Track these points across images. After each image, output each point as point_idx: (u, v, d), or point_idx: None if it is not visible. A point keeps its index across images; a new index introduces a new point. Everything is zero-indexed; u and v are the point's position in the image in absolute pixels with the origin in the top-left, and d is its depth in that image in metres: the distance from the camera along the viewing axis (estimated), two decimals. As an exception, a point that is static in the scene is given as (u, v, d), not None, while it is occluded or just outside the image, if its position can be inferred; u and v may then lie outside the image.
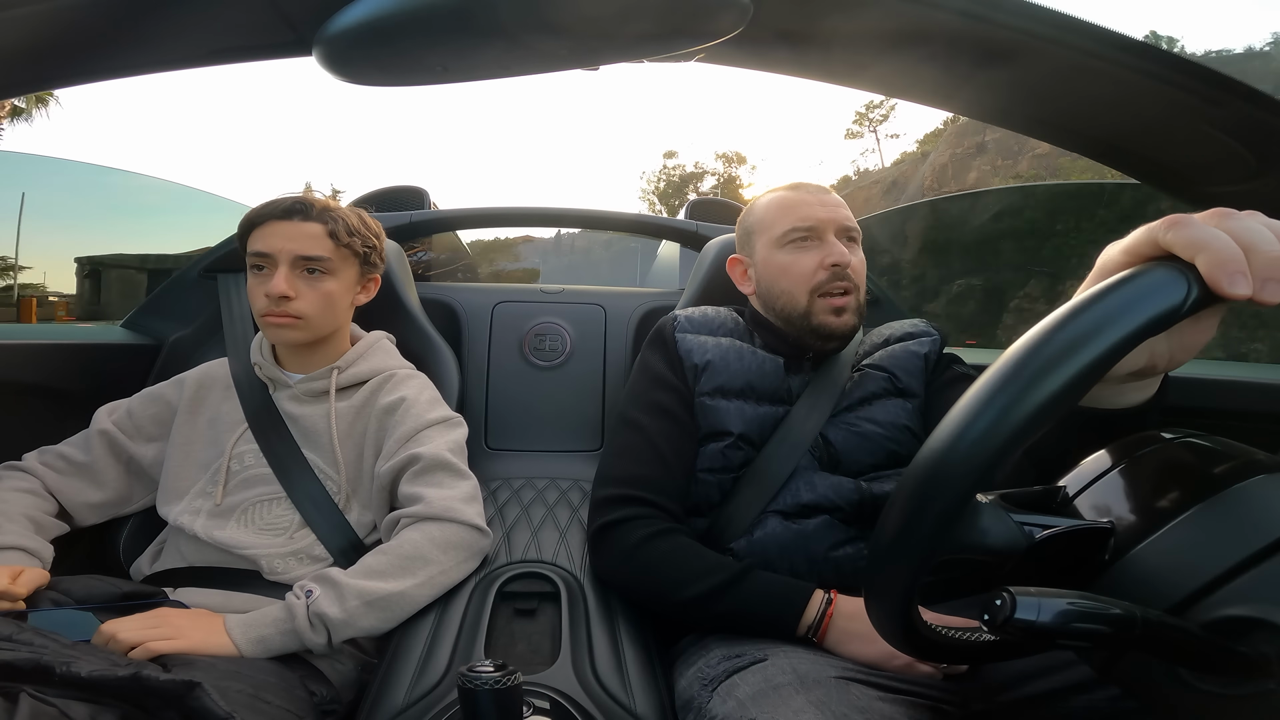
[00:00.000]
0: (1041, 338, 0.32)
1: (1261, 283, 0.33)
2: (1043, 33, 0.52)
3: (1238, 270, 0.33)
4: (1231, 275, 0.33)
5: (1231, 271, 0.33)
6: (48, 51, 0.57)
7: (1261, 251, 0.33)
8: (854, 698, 0.59)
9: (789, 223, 0.90)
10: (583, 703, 0.67)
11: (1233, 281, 0.33)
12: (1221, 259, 0.33)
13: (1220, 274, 0.33)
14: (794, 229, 0.89)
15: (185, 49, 0.62)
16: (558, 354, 1.28)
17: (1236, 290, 0.33)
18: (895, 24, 0.54)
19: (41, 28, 0.53)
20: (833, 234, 0.89)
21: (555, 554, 0.92)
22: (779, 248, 0.90)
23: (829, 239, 0.88)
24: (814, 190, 0.93)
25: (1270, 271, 0.33)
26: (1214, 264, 0.33)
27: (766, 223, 0.93)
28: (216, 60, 0.62)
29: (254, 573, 0.86)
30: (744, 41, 0.56)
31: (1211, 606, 0.35)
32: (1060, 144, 0.70)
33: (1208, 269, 0.33)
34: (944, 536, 0.35)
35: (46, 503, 0.90)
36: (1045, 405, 0.31)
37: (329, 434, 0.92)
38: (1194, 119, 0.58)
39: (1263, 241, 0.34)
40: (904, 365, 0.91)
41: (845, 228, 0.90)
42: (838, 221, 0.89)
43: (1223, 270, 0.33)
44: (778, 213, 0.92)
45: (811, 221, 0.89)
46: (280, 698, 0.66)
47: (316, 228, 0.90)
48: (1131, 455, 0.42)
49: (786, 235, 0.90)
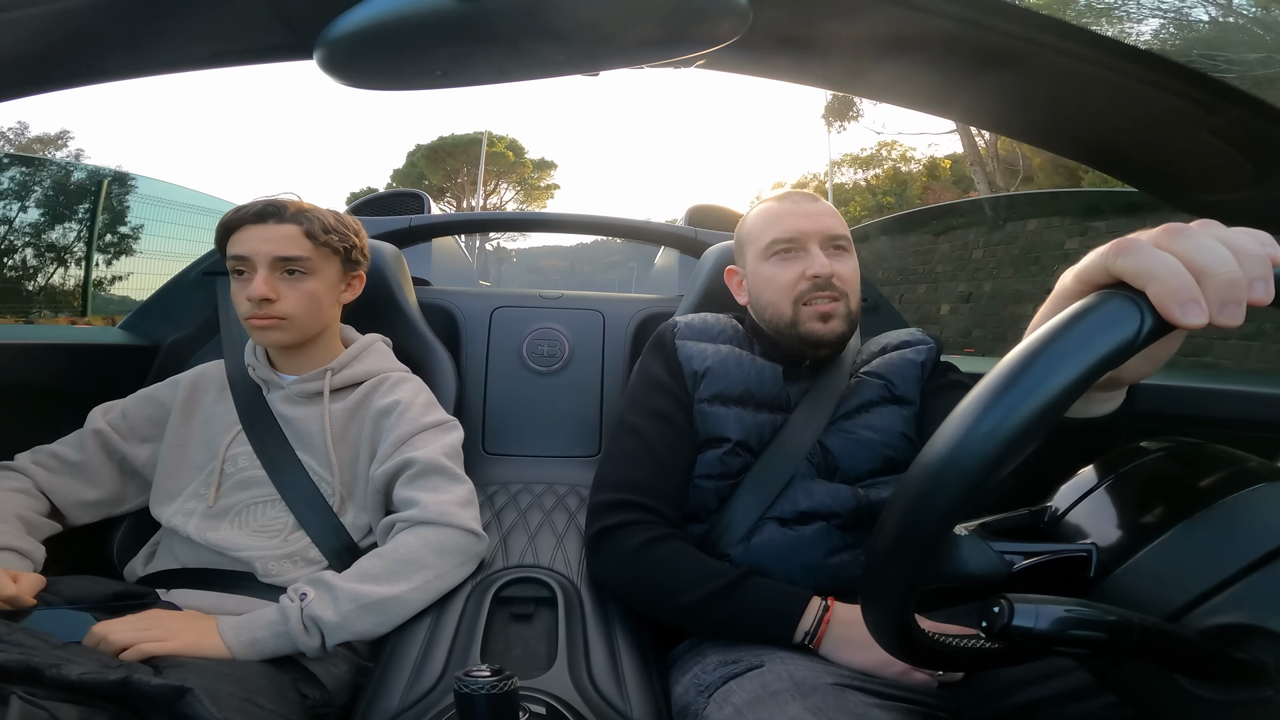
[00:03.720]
0: (1002, 380, 0.33)
1: (1219, 307, 0.31)
2: (1040, 39, 0.53)
3: (1189, 299, 0.31)
4: (1183, 304, 0.31)
5: (1183, 300, 0.31)
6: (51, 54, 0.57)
7: (1214, 274, 0.32)
8: (850, 704, 0.59)
9: (772, 234, 0.90)
10: (579, 708, 0.67)
11: (1185, 311, 0.31)
12: (1171, 288, 0.31)
13: (1171, 304, 0.31)
14: (776, 240, 0.89)
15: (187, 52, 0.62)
16: (556, 359, 1.28)
17: (1189, 320, 0.31)
18: (893, 30, 0.55)
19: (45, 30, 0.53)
20: (816, 245, 0.88)
21: (552, 559, 0.91)
22: (764, 259, 0.91)
23: (812, 250, 0.88)
24: (800, 200, 0.92)
25: (1225, 295, 0.31)
26: (1164, 294, 0.31)
27: (754, 234, 0.93)
28: (218, 63, 0.63)
29: (248, 575, 0.85)
30: (743, 47, 0.57)
31: (1206, 615, 0.35)
32: (1057, 150, 0.71)
33: (1158, 299, 0.31)
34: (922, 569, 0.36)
35: (38, 502, 0.89)
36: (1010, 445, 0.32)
37: (323, 436, 0.92)
38: (1191, 126, 0.58)
39: (1216, 263, 0.32)
40: (900, 373, 0.92)
41: (831, 237, 0.89)
42: (822, 232, 0.89)
43: (1174, 299, 0.31)
44: (764, 224, 0.92)
45: (794, 233, 0.89)
46: (273, 701, 0.65)
47: (292, 229, 0.90)
48: (1119, 470, 0.42)
49: (770, 247, 0.90)
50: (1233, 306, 0.32)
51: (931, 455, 0.34)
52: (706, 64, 0.62)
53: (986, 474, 0.32)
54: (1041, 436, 0.32)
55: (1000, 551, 0.39)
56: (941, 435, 0.34)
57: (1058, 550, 0.40)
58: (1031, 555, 0.40)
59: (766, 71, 0.65)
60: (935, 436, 0.35)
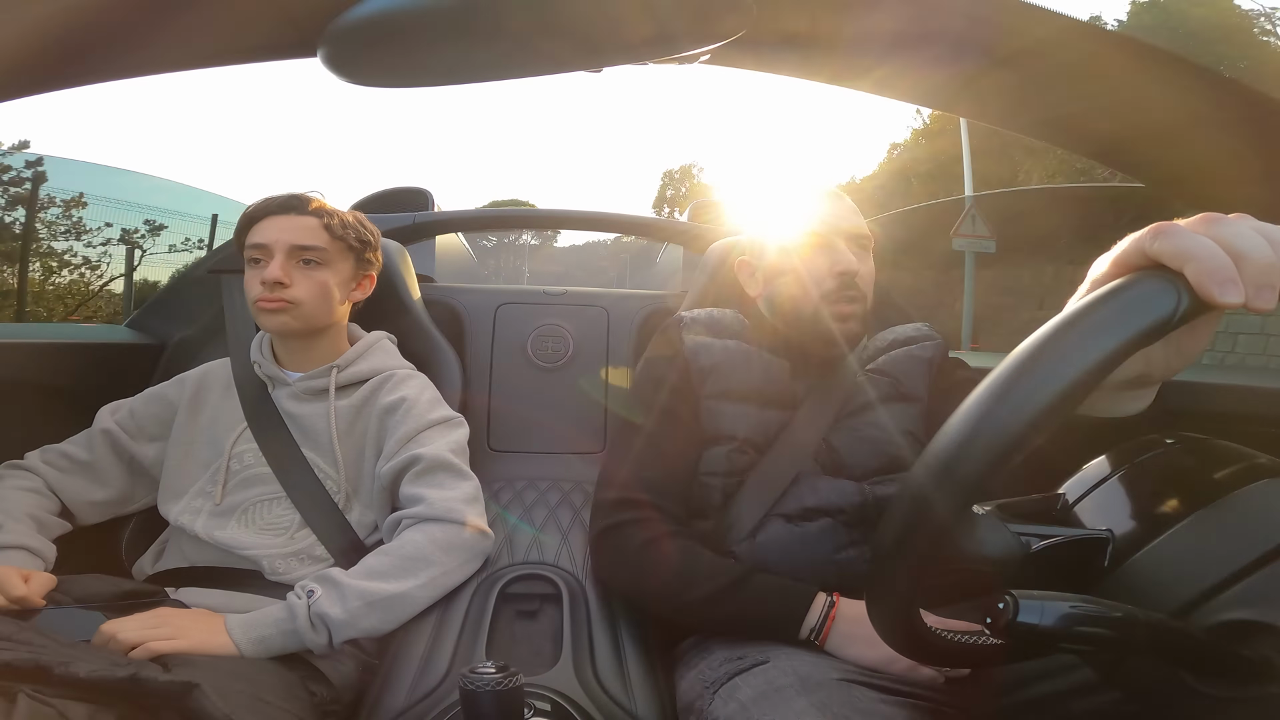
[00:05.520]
0: (1032, 352, 0.32)
1: (1255, 290, 0.32)
2: (1047, 35, 0.52)
3: (1227, 279, 0.32)
4: (1221, 284, 0.32)
5: (1221, 280, 0.32)
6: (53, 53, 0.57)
7: (1251, 258, 0.32)
8: (856, 700, 0.59)
9: (800, 227, 0.89)
10: (584, 704, 0.67)
11: (1223, 290, 0.32)
12: (1210, 268, 0.32)
13: (1209, 283, 0.32)
14: (805, 233, 0.89)
15: (191, 50, 0.62)
16: (560, 356, 1.28)
17: (1227, 299, 0.32)
18: (899, 26, 0.54)
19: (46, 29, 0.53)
20: (843, 241, 0.87)
21: (557, 555, 0.92)
22: (789, 252, 0.90)
23: (839, 246, 0.87)
24: (828, 196, 0.92)
25: (1262, 278, 0.32)
26: (1203, 273, 0.32)
27: (779, 226, 0.93)
28: (221, 61, 0.63)
29: (255, 573, 0.86)
30: (748, 44, 0.56)
31: (1213, 610, 0.35)
32: (1065, 146, 0.70)
33: (1196, 278, 0.32)
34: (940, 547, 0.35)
35: (49, 501, 0.90)
36: (1036, 420, 0.31)
37: (328, 433, 0.93)
38: (1201, 122, 0.58)
39: (1253, 248, 0.33)
40: (907, 370, 0.91)
41: (856, 235, 0.88)
42: (849, 229, 0.88)
43: (1212, 279, 0.32)
44: (790, 217, 0.92)
45: (823, 227, 0.88)
46: (280, 698, 0.66)
47: (312, 220, 0.92)
48: (1132, 461, 0.42)
49: (797, 240, 0.89)
50: (1268, 290, 0.32)
51: (953, 429, 0.33)
52: (711, 60, 0.61)
53: (1011, 450, 0.31)
54: (1068, 414, 0.31)
55: (1018, 533, 0.38)
56: (965, 410, 0.33)
57: (1076, 534, 0.40)
58: (1049, 538, 0.39)
59: (772, 67, 0.65)
60: (959, 410, 0.33)
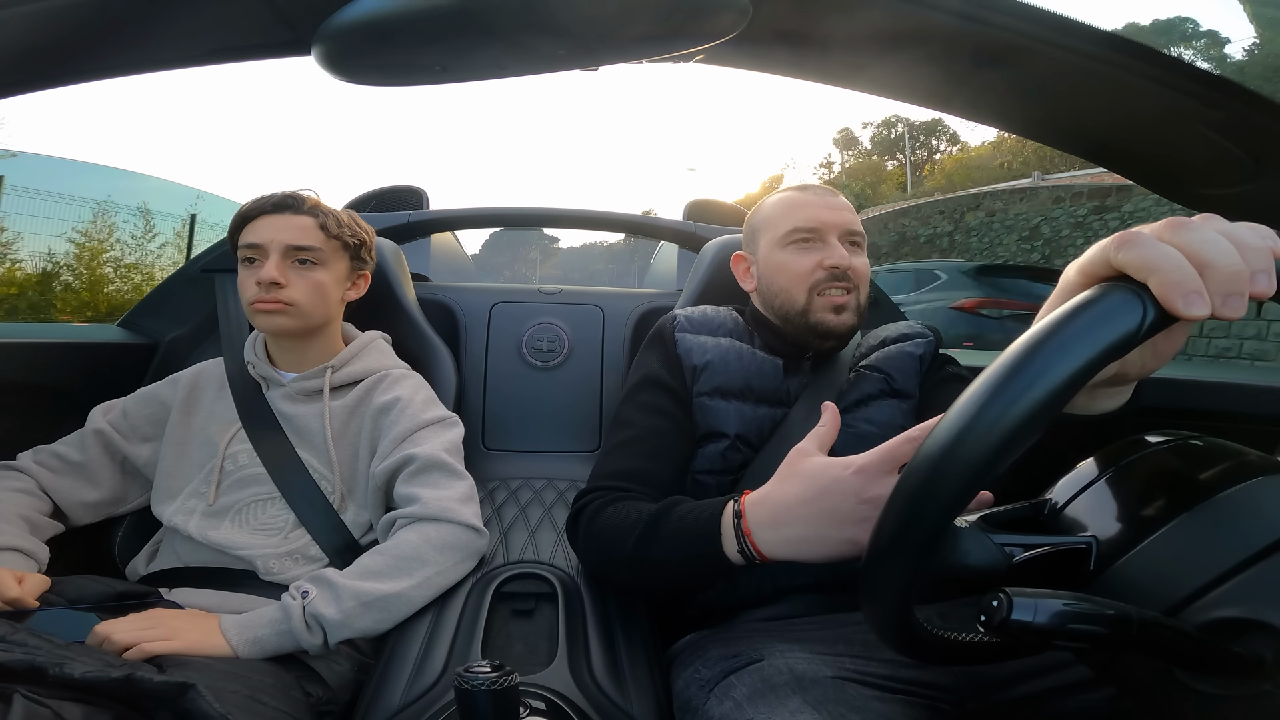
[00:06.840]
0: (1002, 373, 0.33)
1: (1222, 299, 0.32)
2: (1040, 35, 0.53)
3: (1192, 290, 0.31)
4: (1186, 296, 0.31)
5: (1186, 292, 0.31)
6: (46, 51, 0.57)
7: (1217, 266, 0.32)
8: (851, 697, 0.59)
9: (792, 223, 0.91)
10: (579, 704, 0.67)
11: (1188, 303, 0.31)
12: (1174, 280, 0.31)
13: (1174, 295, 0.31)
14: (796, 229, 0.90)
15: (184, 48, 0.62)
16: (555, 354, 1.28)
17: (1193, 311, 0.31)
18: (893, 25, 0.54)
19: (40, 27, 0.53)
20: (835, 237, 0.89)
21: (552, 555, 0.92)
22: (781, 247, 0.91)
23: (831, 241, 0.89)
24: (821, 193, 0.94)
25: (1229, 286, 0.32)
26: (1167, 285, 0.31)
27: (771, 221, 0.94)
28: (215, 60, 0.62)
29: (250, 573, 0.85)
30: (743, 42, 0.56)
31: (1205, 608, 0.35)
32: (1057, 145, 0.71)
33: (1161, 290, 0.32)
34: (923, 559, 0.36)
35: (41, 502, 0.89)
36: (1008, 438, 0.32)
37: (323, 433, 0.92)
38: (1191, 121, 0.58)
39: (1218, 255, 0.32)
40: (900, 366, 0.92)
41: (849, 231, 0.91)
42: (841, 225, 0.90)
43: (1176, 291, 0.31)
44: (783, 212, 0.93)
45: (815, 223, 0.90)
46: (276, 699, 0.66)
47: (307, 220, 0.92)
48: (1118, 463, 0.42)
49: (789, 235, 0.91)
50: (1235, 298, 0.32)
51: (933, 446, 0.34)
52: (706, 59, 0.61)
53: (988, 465, 0.32)
54: (1043, 428, 0.32)
55: (1000, 544, 0.39)
56: (944, 426, 0.34)
57: (1057, 543, 0.40)
58: (1031, 548, 0.40)
59: (766, 66, 0.65)
60: (937, 427, 0.34)
